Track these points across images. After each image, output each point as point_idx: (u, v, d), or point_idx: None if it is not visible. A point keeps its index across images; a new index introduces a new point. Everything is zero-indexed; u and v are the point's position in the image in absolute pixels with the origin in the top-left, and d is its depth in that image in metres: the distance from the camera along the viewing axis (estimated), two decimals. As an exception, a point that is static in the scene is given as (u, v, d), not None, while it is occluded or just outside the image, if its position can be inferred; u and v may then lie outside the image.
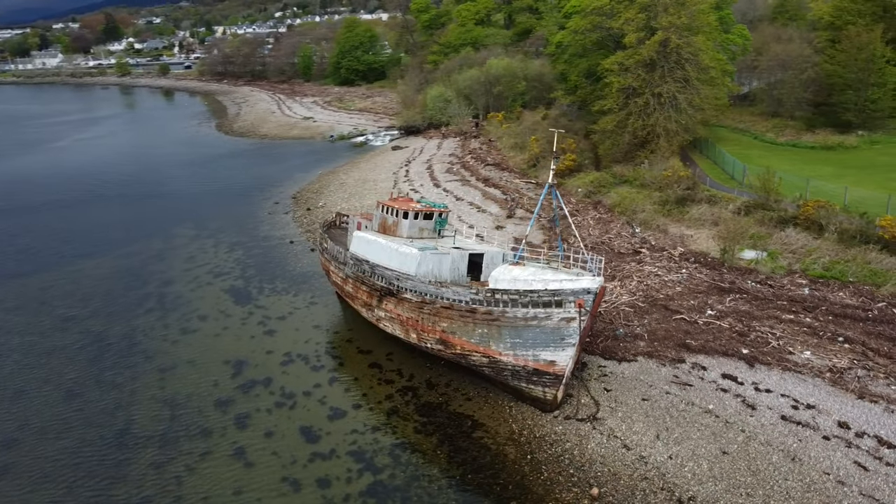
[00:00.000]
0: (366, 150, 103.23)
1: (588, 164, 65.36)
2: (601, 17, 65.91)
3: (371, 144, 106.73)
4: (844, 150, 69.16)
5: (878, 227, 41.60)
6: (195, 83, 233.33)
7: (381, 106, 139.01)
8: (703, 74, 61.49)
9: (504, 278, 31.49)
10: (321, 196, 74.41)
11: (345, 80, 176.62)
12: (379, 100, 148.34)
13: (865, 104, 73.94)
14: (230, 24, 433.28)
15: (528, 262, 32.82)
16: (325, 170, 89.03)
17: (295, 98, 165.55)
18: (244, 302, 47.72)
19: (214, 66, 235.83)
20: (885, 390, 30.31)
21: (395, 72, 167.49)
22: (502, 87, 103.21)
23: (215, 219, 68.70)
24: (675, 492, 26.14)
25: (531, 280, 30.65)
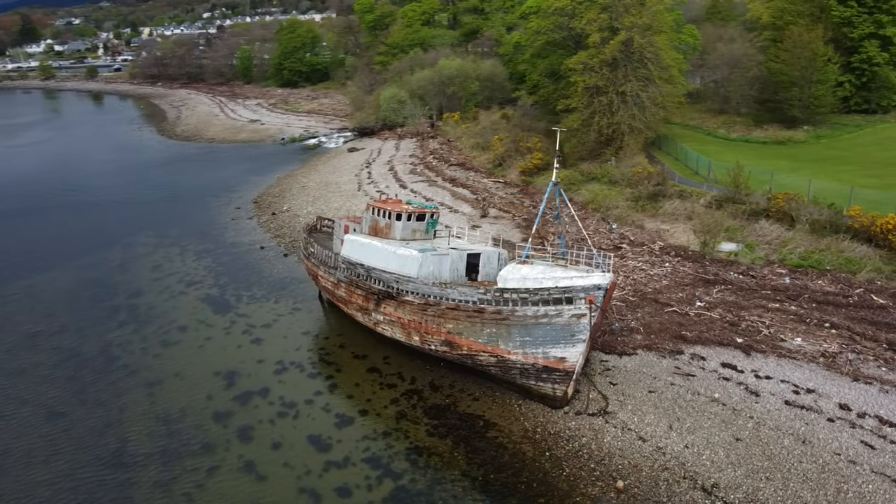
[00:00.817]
0: (320, 152, 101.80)
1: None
2: (563, 18, 66.89)
3: (325, 146, 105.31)
4: (794, 144, 72.42)
5: (846, 218, 43.71)
6: (126, 86, 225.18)
7: (329, 108, 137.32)
8: (664, 73, 63.21)
9: (513, 277, 31.56)
10: (284, 200, 72.91)
11: (287, 81, 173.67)
12: (326, 101, 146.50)
13: (810, 101, 77.57)
14: (156, 24, 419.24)
15: (535, 261, 32.98)
16: (282, 173, 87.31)
17: (237, 100, 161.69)
18: (224, 311, 46.29)
19: (147, 69, 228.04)
20: (877, 372, 31.86)
21: (339, 73, 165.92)
22: (456, 87, 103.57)
23: (175, 226, 66.39)
24: (698, 480, 26.76)
25: (541, 278, 30.82)
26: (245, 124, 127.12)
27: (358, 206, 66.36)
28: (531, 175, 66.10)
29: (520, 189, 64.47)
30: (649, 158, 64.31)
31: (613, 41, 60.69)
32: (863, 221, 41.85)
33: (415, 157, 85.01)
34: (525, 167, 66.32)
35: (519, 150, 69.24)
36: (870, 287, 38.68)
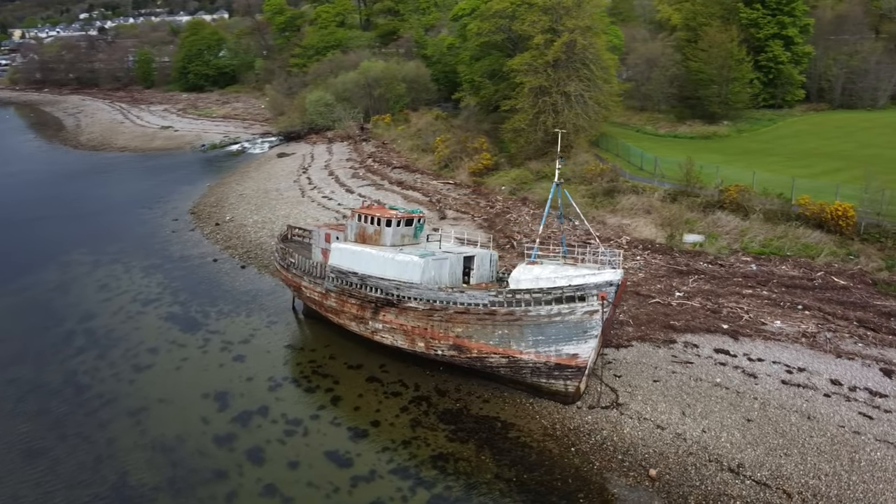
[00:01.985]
0: (246, 158, 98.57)
1: (504, 163, 67.21)
2: (504, 20, 67.94)
3: (250, 152, 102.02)
4: (719, 138, 76.93)
5: (795, 206, 46.98)
6: (8, 93, 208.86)
7: (245, 112, 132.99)
8: (605, 73, 65.51)
9: (525, 278, 31.91)
10: (224, 210, 70.13)
11: (193, 85, 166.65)
12: (239, 106, 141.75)
13: (728, 97, 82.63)
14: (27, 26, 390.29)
15: (544, 261, 33.47)
16: (212, 182, 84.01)
17: (140, 106, 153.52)
18: (193, 329, 44.06)
19: (30, 74, 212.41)
20: (855, 347, 34.52)
21: (249, 76, 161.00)
22: (383, 89, 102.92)
23: (111, 241, 62.44)
24: (723, 462, 28.07)
25: (554, 278, 31.35)
26: (157, 131, 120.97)
27: (306, 213, 64.95)
28: (481, 176, 66.80)
29: (472, 190, 64.99)
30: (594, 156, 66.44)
31: (557, 43, 62.27)
32: (813, 209, 45.12)
33: (352, 160, 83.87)
34: (475, 168, 66.95)
35: (466, 151, 69.79)
36: (829, 270, 41.83)
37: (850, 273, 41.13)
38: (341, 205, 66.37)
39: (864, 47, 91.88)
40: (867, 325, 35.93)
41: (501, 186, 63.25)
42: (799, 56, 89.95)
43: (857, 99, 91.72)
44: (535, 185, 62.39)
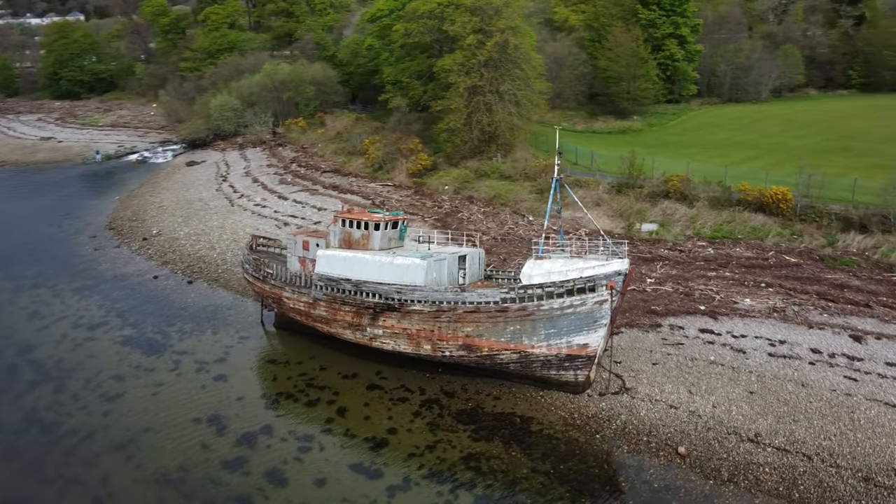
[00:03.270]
0: (150, 168, 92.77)
1: (442, 163, 67.39)
2: (433, 21, 68.12)
3: (153, 162, 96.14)
4: (634, 132, 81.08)
5: (735, 193, 50.52)
6: None
7: (135, 120, 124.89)
8: (534, 72, 67.31)
9: (537, 273, 32.35)
10: (146, 223, 65.70)
11: (67, 92, 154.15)
12: (125, 113, 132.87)
13: (636, 94, 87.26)
14: None
15: (552, 255, 34.00)
16: (121, 195, 78.47)
17: (7, 116, 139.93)
18: (156, 351, 41.08)
19: None
20: (821, 318, 37.69)
21: (131, 82, 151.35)
22: (291, 92, 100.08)
23: (25, 264, 56.86)
24: (741, 433, 29.81)
25: (566, 271, 32.00)
26: (37, 143, 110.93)
27: (242, 223, 62.27)
28: (421, 176, 66.66)
29: (414, 191, 64.71)
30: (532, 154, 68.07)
31: (490, 43, 63.28)
32: (753, 194, 48.74)
33: (274, 166, 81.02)
34: (414, 169, 66.71)
35: (401, 153, 69.33)
36: (779, 249, 45.38)
37: (798, 251, 44.87)
38: (278, 212, 64.07)
39: (746, 45, 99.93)
40: (826, 297, 39.33)
41: (444, 186, 63.45)
42: (691, 54, 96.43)
43: (743, 93, 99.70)
44: (477, 183, 63.09)
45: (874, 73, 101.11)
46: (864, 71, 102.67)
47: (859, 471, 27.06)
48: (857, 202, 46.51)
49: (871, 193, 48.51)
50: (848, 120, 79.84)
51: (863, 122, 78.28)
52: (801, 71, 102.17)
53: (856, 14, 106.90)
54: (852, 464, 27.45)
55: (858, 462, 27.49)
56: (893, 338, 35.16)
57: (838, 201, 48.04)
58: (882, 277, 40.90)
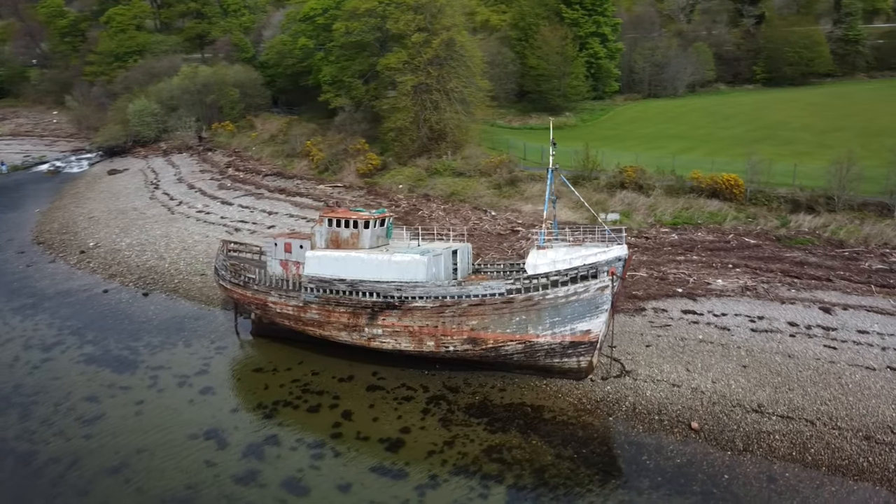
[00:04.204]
0: (66, 178, 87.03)
1: (392, 162, 66.72)
2: (375, 19, 67.38)
3: (68, 172, 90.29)
4: (570, 128, 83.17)
5: (688, 182, 52.89)
6: None
7: (38, 128, 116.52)
8: (479, 70, 67.91)
9: (542, 263, 32.66)
10: (80, 236, 61.55)
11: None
12: (23, 121, 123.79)
13: (567, 91, 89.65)
14: None
15: (553, 244, 34.34)
16: (42, 207, 73.11)
17: None
18: (127, 368, 38.59)
19: None
20: (790, 293, 40.05)
21: (25, 88, 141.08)
22: (215, 95, 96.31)
23: (-51, 286, 51.93)
24: (744, 405, 31.25)
25: (569, 259, 32.49)
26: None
27: (187, 230, 59.59)
28: (371, 176, 65.78)
29: (366, 191, 63.75)
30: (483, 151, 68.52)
31: (437, 41, 63.33)
32: (706, 181, 51.21)
33: (208, 171, 77.73)
34: (364, 169, 65.72)
35: (348, 153, 68.15)
36: (737, 232, 47.86)
37: (756, 233, 47.50)
38: (225, 218, 61.57)
39: (662, 44, 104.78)
40: (790, 274, 41.85)
41: (398, 185, 62.89)
42: (613, 52, 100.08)
43: (661, 88, 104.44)
44: (430, 181, 62.97)
45: (776, 68, 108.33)
46: (766, 66, 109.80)
47: (859, 431, 28.96)
48: (802, 185, 49.72)
49: (806, 177, 52.16)
50: (763, 111, 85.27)
51: (776, 113, 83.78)
52: (712, 67, 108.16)
53: (756, 13, 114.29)
54: (851, 425, 29.34)
55: (856, 423, 29.41)
56: (858, 307, 37.84)
57: (780, 186, 51.25)
58: (835, 253, 43.96)
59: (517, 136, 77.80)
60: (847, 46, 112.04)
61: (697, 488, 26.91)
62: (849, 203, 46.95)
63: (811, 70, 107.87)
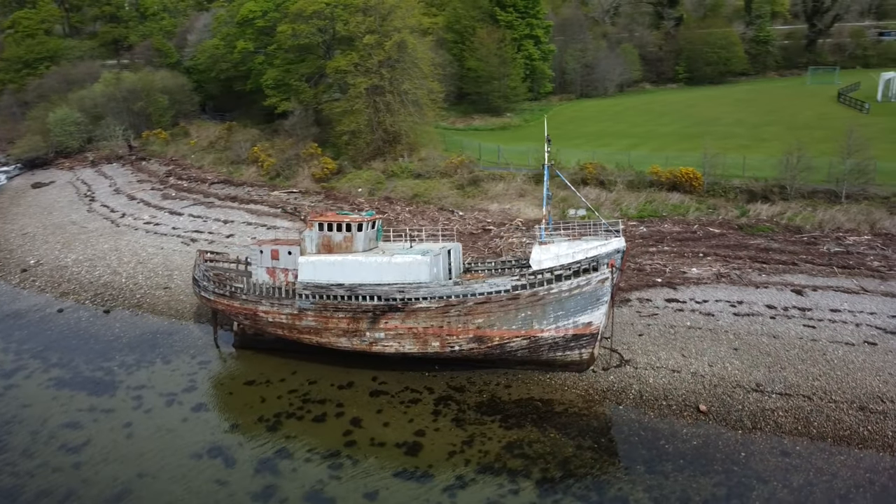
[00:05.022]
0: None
1: (348, 166, 65.61)
2: (323, 21, 66.19)
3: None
4: (514, 128, 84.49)
5: (648, 176, 54.72)
6: None
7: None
8: (430, 72, 67.92)
9: (547, 258, 32.96)
10: (16, 253, 57.60)
11: None
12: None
13: (507, 92, 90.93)
14: None
15: (554, 239, 34.66)
16: (-38, 225, 67.56)
17: None
18: (106, 390, 36.38)
19: None
20: (762, 278, 42.07)
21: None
22: (143, 102, 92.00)
23: None
24: (744, 384, 32.57)
25: (573, 253, 32.96)
26: None
27: (136, 243, 56.86)
28: (328, 180, 64.47)
29: (324, 195, 62.43)
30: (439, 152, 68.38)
31: (389, 42, 62.92)
32: (666, 175, 53.14)
33: (146, 181, 74.06)
34: (320, 174, 64.31)
35: (301, 158, 66.53)
36: (702, 222, 49.83)
37: (719, 222, 49.63)
38: (177, 229, 58.89)
39: (591, 45, 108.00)
40: (758, 260, 43.97)
41: (358, 189, 61.92)
42: (546, 53, 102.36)
43: (592, 88, 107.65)
44: (389, 183, 62.42)
45: (697, 68, 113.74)
46: (688, 66, 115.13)
47: (853, 402, 30.76)
48: (756, 176, 52.36)
49: (752, 169, 55.05)
50: (693, 109, 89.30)
51: (705, 110, 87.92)
52: (639, 68, 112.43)
53: (675, 16, 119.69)
54: (845, 398, 31.12)
55: (849, 395, 31.22)
56: (826, 288, 40.18)
57: (731, 177, 53.82)
58: (795, 239, 46.51)
59: (465, 136, 78.27)
60: (758, 47, 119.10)
61: (718, 467, 27.86)
62: (800, 191, 49.79)
63: (728, 69, 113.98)
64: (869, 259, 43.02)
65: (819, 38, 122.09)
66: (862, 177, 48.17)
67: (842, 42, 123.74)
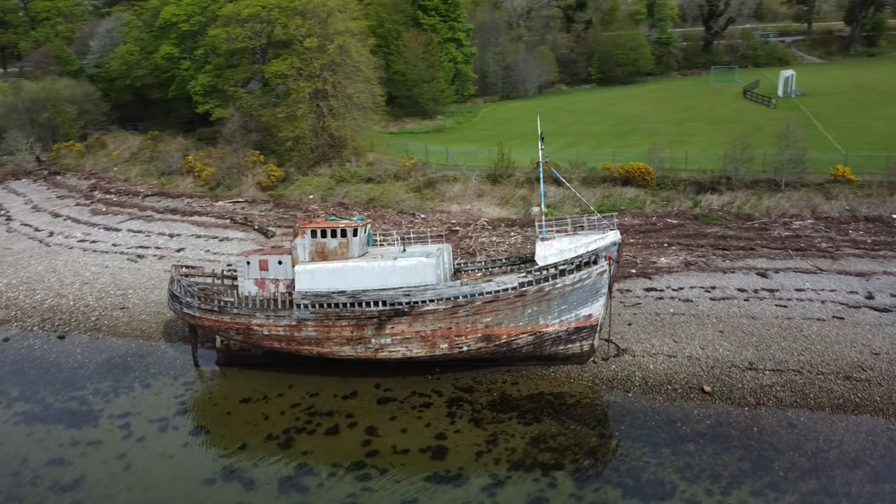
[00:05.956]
0: None
1: (294, 172, 63.73)
2: (261, 25, 64.07)
3: None
4: (448, 130, 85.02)
5: (601, 172, 56.59)
6: None
7: None
8: (373, 75, 67.27)
9: (551, 254, 33.46)
10: (-66, 281, 51.94)
11: None
12: None
13: (436, 94, 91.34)
14: None
15: (555, 235, 35.15)
16: None
17: None
18: (86, 422, 33.77)
19: None
20: (727, 264, 44.45)
21: None
22: (50, 112, 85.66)
23: None
24: (737, 364, 34.33)
25: (574, 248, 33.64)
26: None
27: (76, 262, 53.43)
28: (275, 188, 62.41)
29: (273, 203, 60.36)
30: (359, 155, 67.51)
31: (332, 46, 61.86)
32: (618, 171, 55.19)
33: (69, 197, 68.89)
34: (267, 181, 62.13)
35: (244, 166, 64.00)
36: (659, 214, 52.04)
37: (675, 214, 52.03)
38: (118, 245, 55.33)
39: (511, 48, 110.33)
40: (718, 247, 46.47)
41: (309, 195, 60.31)
42: (468, 56, 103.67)
43: (513, 90, 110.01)
44: (339, 189, 61.32)
45: (608, 69, 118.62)
46: (600, 67, 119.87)
47: (839, 373, 33.12)
48: (703, 169, 55.31)
49: (693, 162, 58.18)
50: (615, 108, 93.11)
51: (626, 108, 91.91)
52: (556, 69, 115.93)
53: (586, 19, 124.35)
54: (830, 369, 33.45)
55: (833, 367, 33.59)
56: (786, 270, 43.02)
57: (676, 171, 56.67)
58: (748, 226, 49.51)
59: (402, 139, 77.93)
60: (662, 48, 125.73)
61: (737, 443, 29.27)
62: (743, 182, 53.05)
63: (637, 70, 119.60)
64: (817, 241, 46.46)
65: (715, 40, 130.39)
66: (798, 166, 51.92)
67: (734, 43, 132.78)
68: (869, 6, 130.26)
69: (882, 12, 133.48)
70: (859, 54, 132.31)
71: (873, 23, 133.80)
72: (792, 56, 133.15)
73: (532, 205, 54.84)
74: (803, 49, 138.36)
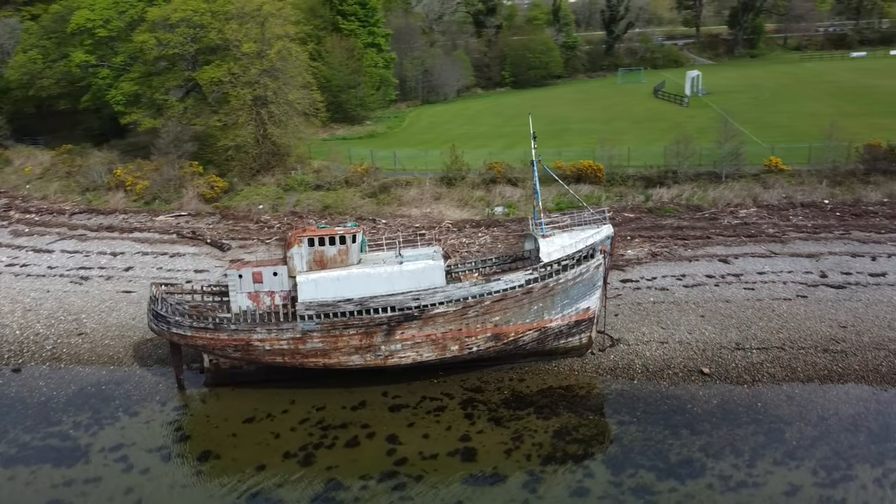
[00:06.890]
0: None
1: (238, 182, 61.13)
2: (193, 30, 61.10)
3: None
4: (381, 135, 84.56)
5: (553, 171, 57.96)
6: None
7: None
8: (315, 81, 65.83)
9: (554, 251, 34.00)
10: None
11: None
12: None
13: (364, 100, 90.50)
14: None
15: (555, 232, 35.65)
16: None
17: None
18: (77, 459, 31.08)
19: None
20: (689, 253, 46.82)
21: None
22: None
23: None
24: (726, 345, 36.30)
25: (574, 243, 34.42)
26: None
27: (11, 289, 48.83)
28: (219, 200, 59.64)
29: (220, 215, 57.65)
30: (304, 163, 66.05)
31: (273, 51, 60.09)
32: (571, 168, 56.88)
33: (-21, 218, 62.98)
34: (211, 193, 59.21)
35: (183, 178, 60.67)
36: (615, 209, 53.96)
37: (631, 208, 54.21)
38: (55, 268, 51.00)
39: (428, 53, 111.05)
40: (678, 237, 48.92)
41: (259, 206, 58.07)
42: (388, 61, 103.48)
43: (433, 94, 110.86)
44: (290, 197, 59.55)
45: (521, 72, 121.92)
46: (513, 71, 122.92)
47: (817, 346, 35.77)
48: (648, 164, 58.02)
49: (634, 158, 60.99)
50: (538, 109, 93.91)
51: (550, 109, 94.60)
52: (472, 73, 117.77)
53: (496, 24, 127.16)
54: (808, 344, 36.06)
55: (810, 342, 36.24)
56: (744, 255, 45.94)
57: (622, 167, 59.17)
58: (699, 216, 52.42)
59: (337, 145, 76.74)
60: (569, 52, 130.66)
61: (746, 419, 31.01)
62: (687, 175, 56.11)
63: (548, 73, 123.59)
64: (764, 227, 49.91)
65: (616, 44, 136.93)
66: (736, 159, 55.52)
67: (633, 46, 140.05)
68: (748, 11, 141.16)
69: (760, 17, 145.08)
70: (742, 56, 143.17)
71: (753, 27, 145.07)
72: (685, 58, 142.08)
73: (493, 205, 55.53)
74: (694, 51, 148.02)
